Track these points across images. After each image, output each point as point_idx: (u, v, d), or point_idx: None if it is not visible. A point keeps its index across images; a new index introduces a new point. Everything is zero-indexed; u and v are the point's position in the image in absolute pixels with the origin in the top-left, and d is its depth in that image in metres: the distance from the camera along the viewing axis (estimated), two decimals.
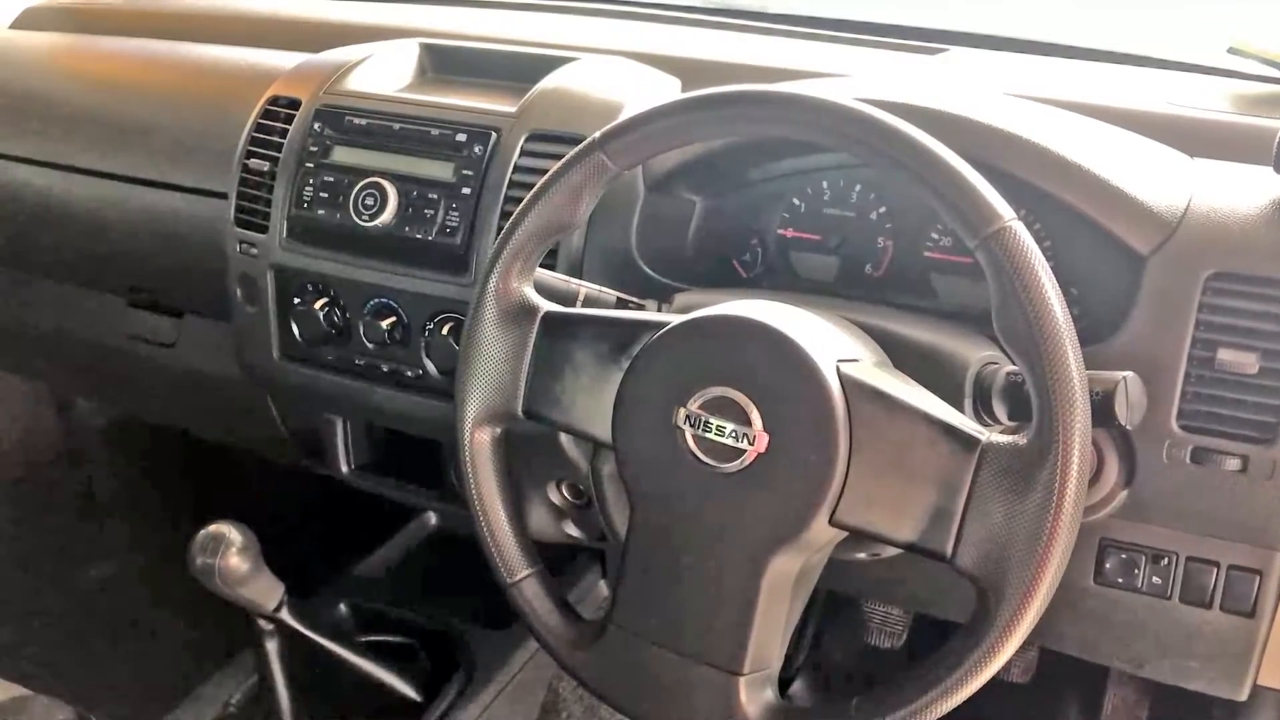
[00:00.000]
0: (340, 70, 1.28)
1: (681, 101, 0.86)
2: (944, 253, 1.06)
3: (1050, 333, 0.71)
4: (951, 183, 0.74)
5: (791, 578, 0.81)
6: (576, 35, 1.40)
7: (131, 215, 1.45)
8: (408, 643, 1.51)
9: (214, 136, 1.34)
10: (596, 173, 0.88)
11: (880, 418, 0.76)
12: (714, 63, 1.29)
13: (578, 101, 1.16)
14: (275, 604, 1.22)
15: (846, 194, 1.10)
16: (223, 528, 1.16)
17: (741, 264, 1.15)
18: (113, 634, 1.87)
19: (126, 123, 1.46)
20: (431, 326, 1.19)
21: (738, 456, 0.78)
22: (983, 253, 0.73)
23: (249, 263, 1.27)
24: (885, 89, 1.00)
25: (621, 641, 0.86)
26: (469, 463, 0.93)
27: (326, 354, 1.26)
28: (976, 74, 1.26)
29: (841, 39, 1.36)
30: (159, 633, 1.83)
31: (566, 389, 0.89)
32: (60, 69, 1.60)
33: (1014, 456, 0.72)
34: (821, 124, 0.80)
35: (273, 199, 1.25)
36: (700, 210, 1.14)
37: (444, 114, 1.19)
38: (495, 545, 0.92)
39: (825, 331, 0.82)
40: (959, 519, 0.73)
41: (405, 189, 1.18)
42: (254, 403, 1.43)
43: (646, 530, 0.84)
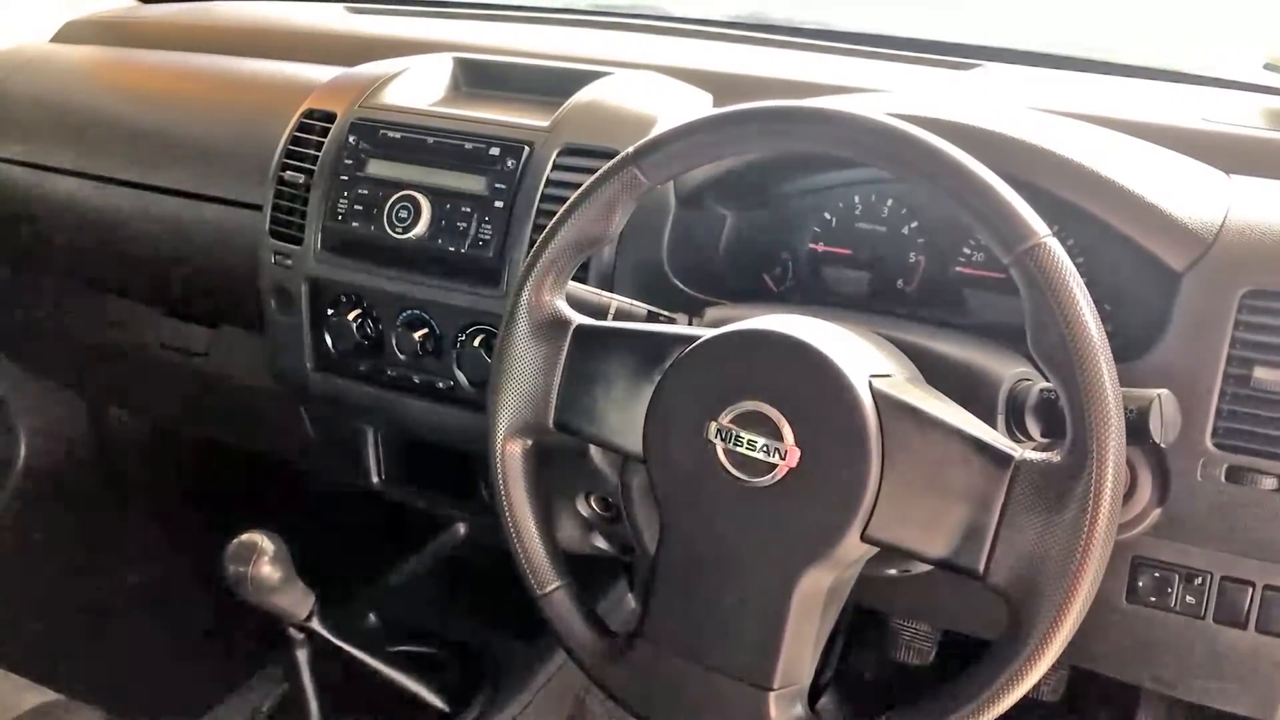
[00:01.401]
0: (375, 84, 1.29)
1: (714, 117, 0.86)
2: (977, 268, 1.06)
3: (1085, 349, 0.70)
4: (985, 198, 0.74)
5: (822, 593, 0.81)
6: (609, 50, 1.41)
7: (167, 226, 1.46)
8: (436, 653, 1.52)
9: (250, 149, 1.35)
10: (629, 187, 0.89)
11: (912, 434, 0.75)
12: (746, 77, 1.29)
13: (610, 116, 1.17)
14: (306, 613, 1.22)
15: (878, 209, 1.10)
16: (255, 537, 1.17)
17: (772, 278, 1.15)
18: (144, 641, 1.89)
19: (163, 135, 1.48)
20: (463, 338, 1.19)
21: (769, 471, 0.78)
22: (1017, 269, 0.73)
23: (283, 274, 1.29)
24: (918, 104, 1.00)
25: (651, 654, 0.86)
26: (500, 474, 0.93)
27: (359, 365, 1.27)
28: (1009, 89, 1.26)
29: (874, 54, 1.36)
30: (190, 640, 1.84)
31: (597, 402, 0.89)
32: (99, 82, 1.62)
33: (1047, 474, 0.72)
34: (854, 139, 0.80)
35: (307, 211, 1.26)
36: (731, 224, 1.14)
37: (477, 128, 1.20)
38: (526, 557, 0.93)
39: (857, 346, 0.82)
40: (991, 536, 0.73)
41: (439, 202, 1.19)
42: (286, 413, 1.44)
43: (677, 543, 0.85)
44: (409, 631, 1.55)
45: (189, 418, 1.79)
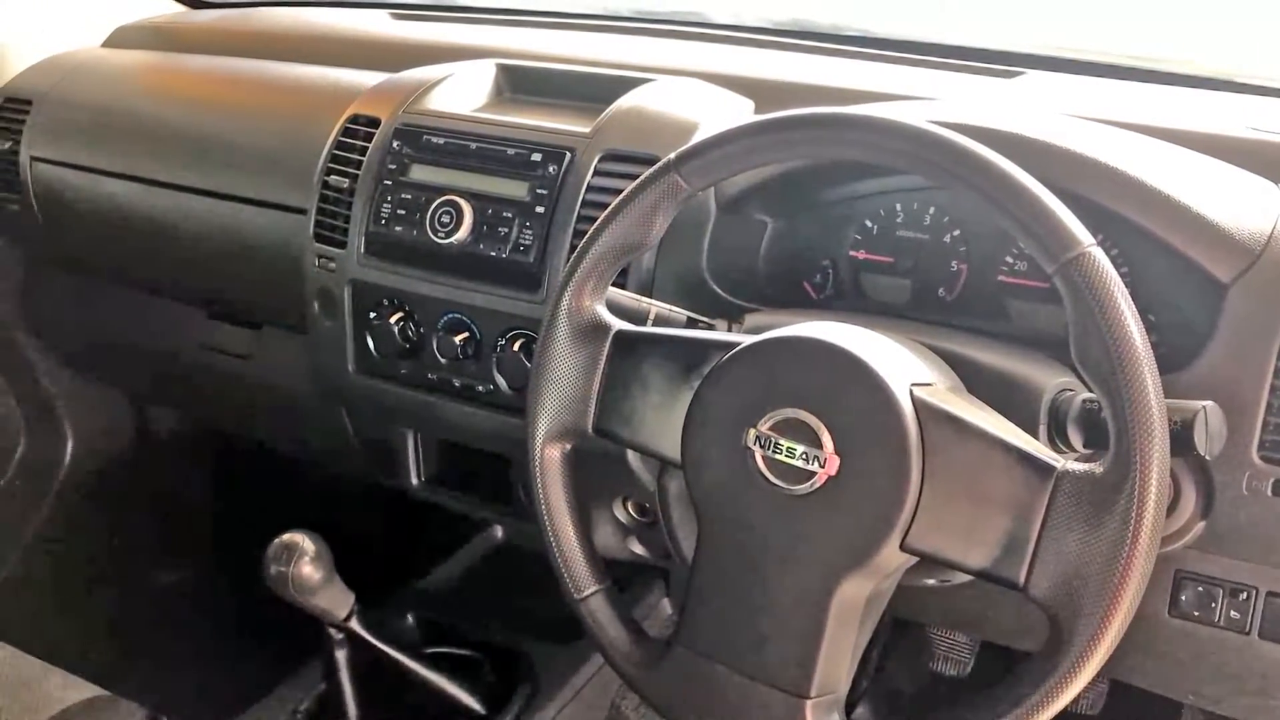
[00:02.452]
0: (419, 90, 1.30)
1: (756, 124, 0.86)
2: (1019, 277, 1.05)
3: (1129, 360, 0.70)
4: (1029, 207, 0.74)
5: (860, 602, 0.80)
6: (651, 56, 1.41)
7: (212, 229, 1.48)
8: (473, 655, 1.52)
9: (295, 153, 1.37)
10: (670, 193, 0.89)
11: (953, 443, 0.75)
12: (788, 84, 1.29)
13: (652, 122, 1.17)
14: (345, 613, 1.24)
15: (920, 216, 1.10)
16: (296, 537, 1.18)
17: (812, 285, 1.15)
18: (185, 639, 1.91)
19: (210, 139, 1.49)
20: (503, 343, 1.20)
21: (808, 479, 0.78)
22: (1060, 278, 0.72)
23: (327, 277, 1.30)
24: (961, 112, 1.00)
25: (688, 661, 0.86)
26: (539, 478, 0.94)
27: (400, 368, 1.28)
28: (1053, 98, 1.25)
29: (916, 61, 1.35)
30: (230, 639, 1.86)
31: (636, 407, 0.90)
32: (148, 86, 1.65)
33: (1090, 485, 0.71)
34: (896, 147, 0.80)
35: (351, 215, 1.27)
36: (772, 231, 1.14)
37: (519, 134, 1.21)
38: (564, 560, 0.93)
39: (898, 355, 0.81)
40: (1032, 547, 0.72)
41: (480, 207, 1.20)
42: (327, 415, 1.45)
43: (714, 550, 0.85)
44: (446, 633, 1.56)
45: (232, 419, 1.81)
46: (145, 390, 1.98)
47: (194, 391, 1.78)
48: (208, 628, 1.94)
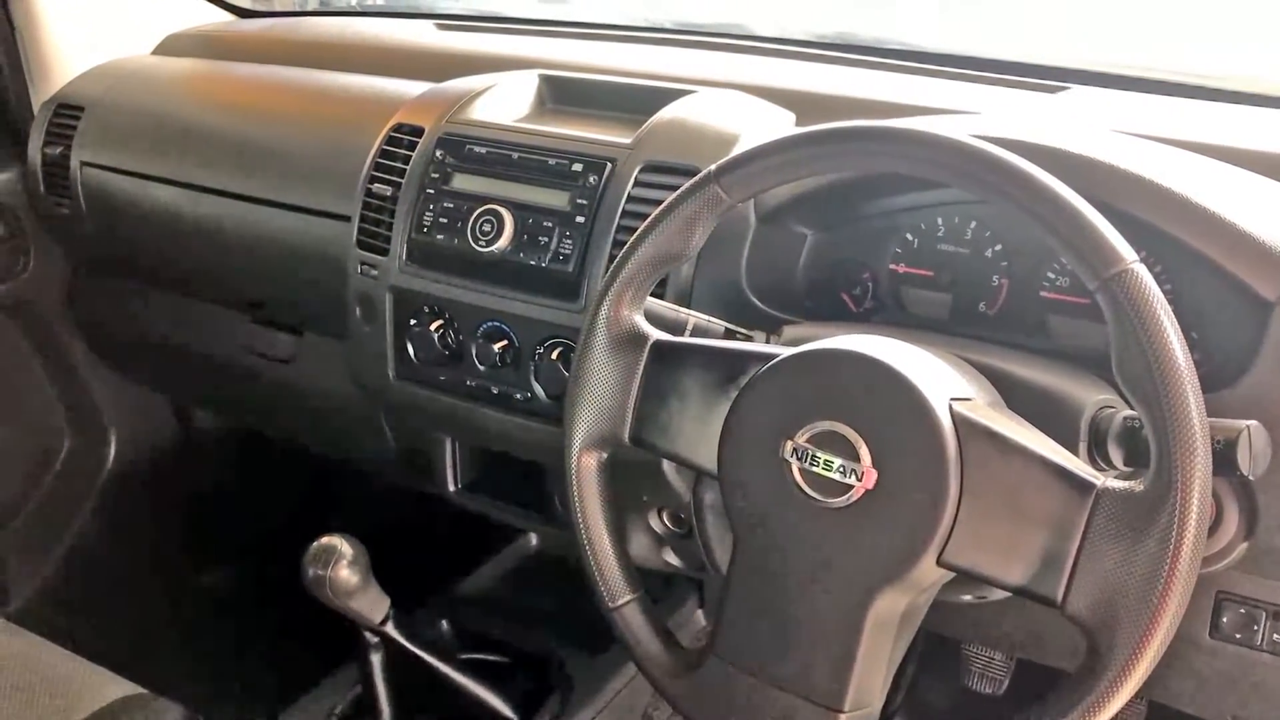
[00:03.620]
0: (462, 99, 1.31)
1: (797, 136, 0.86)
2: (1061, 293, 1.04)
3: (1171, 378, 0.69)
4: (1072, 223, 0.74)
5: (896, 616, 0.80)
6: (693, 68, 1.42)
7: (257, 234, 1.50)
8: (506, 662, 1.53)
9: (339, 161, 1.38)
10: (710, 205, 0.89)
11: (993, 458, 0.75)
12: (830, 97, 1.29)
13: (693, 134, 1.18)
14: (381, 617, 1.24)
15: (961, 230, 1.09)
16: (335, 540, 1.19)
17: (852, 298, 1.15)
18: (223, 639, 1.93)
19: (256, 146, 1.51)
20: (541, 351, 1.21)
21: (845, 492, 0.78)
22: (1103, 295, 0.72)
23: (369, 284, 1.31)
24: (1004, 126, 0.99)
25: (721, 672, 0.86)
26: (575, 486, 0.94)
27: (439, 375, 1.28)
28: (1098, 113, 1.24)
29: (960, 75, 1.35)
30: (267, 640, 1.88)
31: (673, 417, 0.90)
32: (197, 94, 1.67)
33: (1130, 503, 0.71)
34: (938, 161, 0.80)
35: (394, 223, 1.29)
36: (811, 243, 1.14)
37: (561, 144, 1.22)
38: (598, 569, 0.93)
39: (938, 369, 0.81)
40: (1071, 564, 0.72)
41: (521, 216, 1.20)
42: (367, 420, 1.46)
43: (749, 562, 0.85)
44: (480, 639, 1.56)
45: (273, 422, 1.83)
46: (188, 393, 2.01)
47: (236, 395, 1.80)
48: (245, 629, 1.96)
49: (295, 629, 1.63)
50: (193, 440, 2.11)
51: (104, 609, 1.95)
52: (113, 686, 1.19)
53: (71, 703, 1.16)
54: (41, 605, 1.90)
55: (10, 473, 1.91)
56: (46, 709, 1.15)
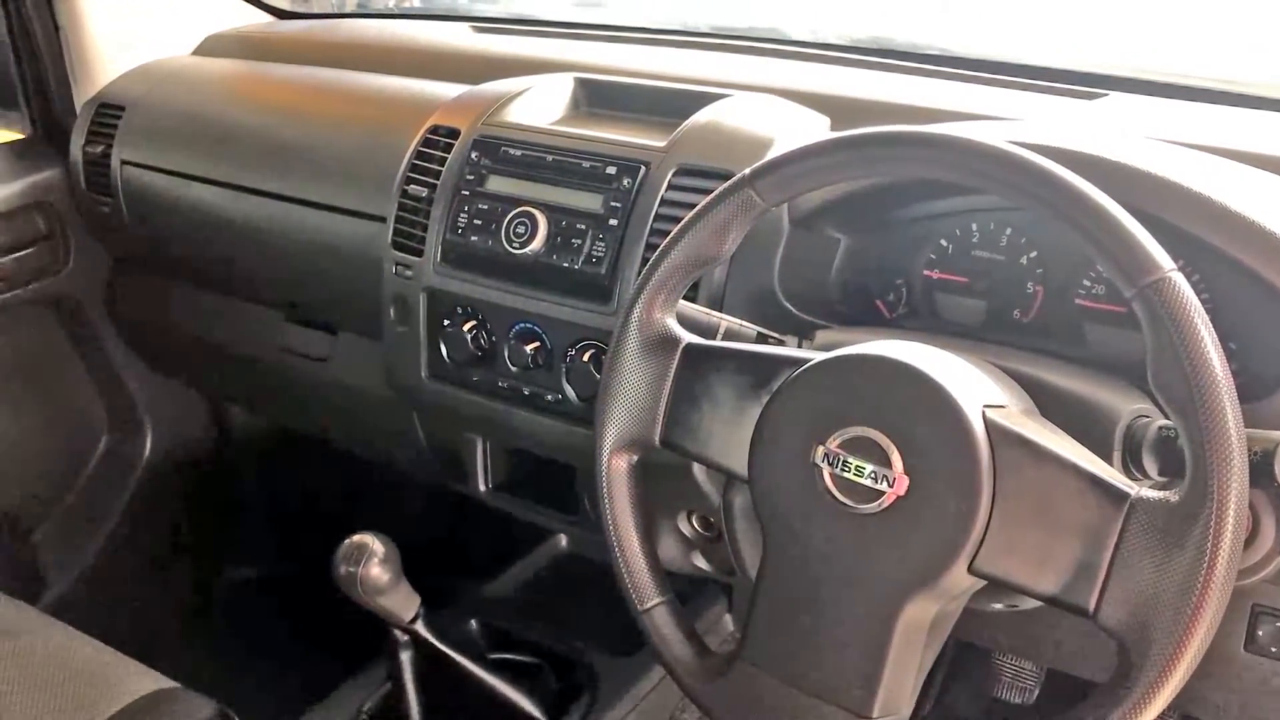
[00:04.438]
0: (498, 102, 1.32)
1: (832, 140, 0.86)
2: (1097, 301, 1.03)
3: (1208, 388, 0.69)
4: (1108, 230, 0.73)
5: (926, 624, 0.80)
6: (728, 72, 1.42)
7: (293, 234, 1.51)
8: (535, 663, 1.53)
9: (376, 162, 1.39)
10: (744, 208, 0.89)
11: (1026, 466, 0.74)
12: (865, 102, 1.28)
13: (727, 137, 1.18)
14: (411, 616, 1.25)
15: (996, 237, 1.09)
16: (366, 538, 1.20)
17: (885, 304, 1.14)
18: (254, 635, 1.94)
19: (294, 146, 1.53)
20: (573, 353, 1.21)
21: (876, 498, 0.78)
22: (1139, 303, 0.71)
23: (403, 284, 1.32)
24: (1041, 133, 0.99)
25: (750, 676, 0.86)
26: (605, 488, 0.94)
27: (472, 375, 1.29)
28: (1136, 120, 1.23)
29: (996, 81, 1.34)
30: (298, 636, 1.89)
31: (704, 420, 0.90)
32: (235, 94, 1.69)
33: (1165, 513, 0.70)
34: (974, 167, 0.79)
35: (429, 224, 1.29)
36: (845, 248, 1.14)
37: (595, 147, 1.22)
38: (628, 571, 0.93)
39: (971, 376, 0.81)
40: (1104, 574, 0.71)
41: (555, 218, 1.21)
42: (399, 419, 1.47)
43: (779, 566, 0.84)
44: (509, 640, 1.57)
45: (307, 420, 1.84)
46: (223, 390, 2.03)
47: (271, 393, 1.82)
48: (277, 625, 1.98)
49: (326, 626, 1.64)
50: (227, 437, 2.13)
51: (138, 602, 1.98)
52: (145, 679, 1.20)
53: (104, 694, 1.17)
54: (76, 598, 1.92)
55: (49, 466, 1.94)
56: (80, 700, 1.17)
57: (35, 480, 1.92)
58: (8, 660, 1.21)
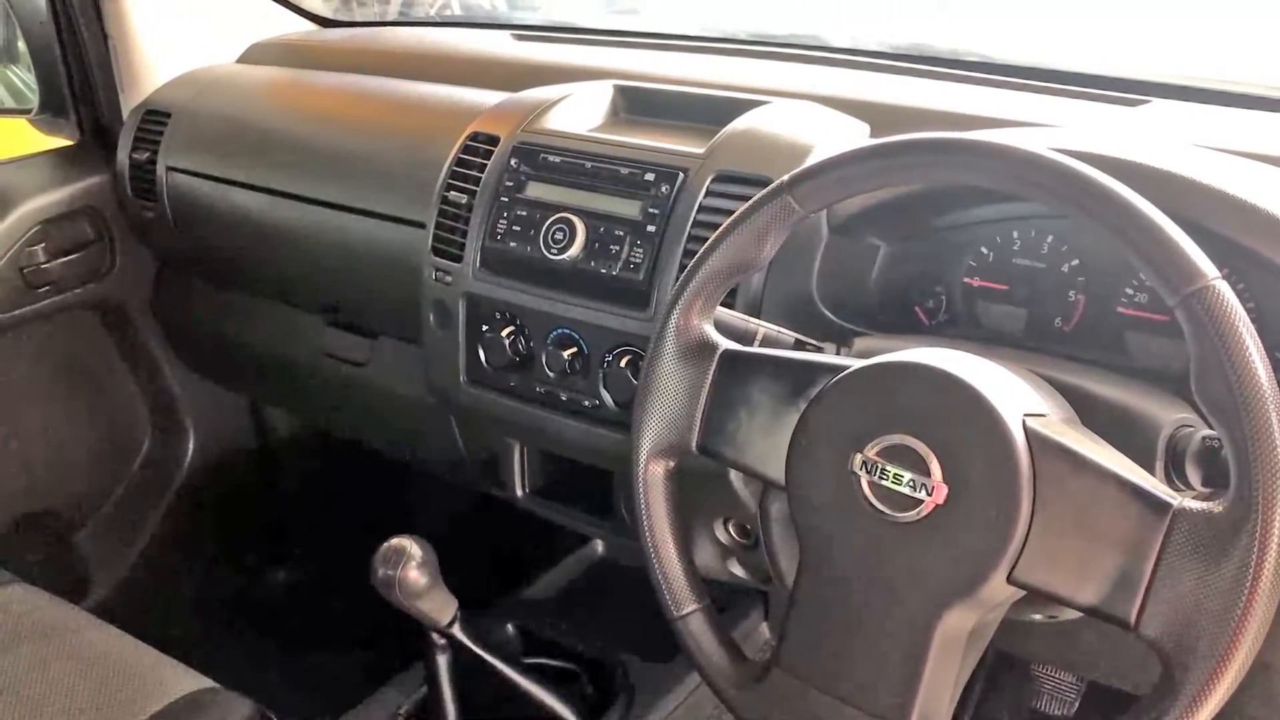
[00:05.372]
0: (538, 109, 1.33)
1: (872, 147, 0.86)
2: (1139, 309, 1.02)
3: (1253, 398, 0.68)
4: (1151, 238, 0.72)
5: (964, 634, 0.79)
6: (767, 79, 1.42)
7: (334, 240, 1.52)
8: (570, 668, 1.53)
9: (416, 169, 1.40)
10: (783, 215, 0.89)
11: (1066, 476, 0.74)
12: (905, 108, 1.28)
13: (766, 144, 1.18)
14: (448, 619, 1.25)
15: (1037, 245, 1.08)
16: (405, 541, 1.20)
17: (925, 311, 1.14)
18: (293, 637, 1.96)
19: (336, 153, 1.54)
20: (610, 359, 1.21)
21: (914, 507, 0.77)
22: (1182, 311, 0.71)
23: (443, 290, 1.33)
24: (1082, 140, 0.98)
25: (786, 684, 0.86)
26: (642, 494, 0.94)
27: (510, 380, 1.30)
28: (1180, 127, 1.22)
29: (1038, 88, 1.33)
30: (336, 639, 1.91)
31: (741, 427, 0.90)
32: (278, 101, 1.70)
33: (1208, 524, 0.69)
34: (1014, 173, 0.79)
35: (468, 230, 1.30)
36: (884, 255, 1.13)
37: (634, 153, 1.22)
38: (664, 577, 0.93)
39: (1012, 384, 0.80)
40: (1145, 585, 0.71)
41: (593, 225, 1.21)
42: (437, 424, 1.48)
43: (816, 574, 0.84)
44: (545, 644, 1.57)
45: (346, 424, 1.86)
46: (265, 393, 2.05)
47: (311, 396, 1.83)
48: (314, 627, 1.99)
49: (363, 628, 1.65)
50: (267, 440, 2.15)
51: (178, 603, 2.00)
52: (185, 679, 1.22)
53: (145, 693, 1.19)
54: (119, 598, 1.94)
55: (93, 467, 1.96)
56: (121, 698, 1.18)
57: (80, 481, 1.95)
58: (51, 658, 1.23)
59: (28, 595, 1.35)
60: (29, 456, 1.86)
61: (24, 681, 1.20)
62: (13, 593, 1.35)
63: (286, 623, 2.02)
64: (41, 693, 1.18)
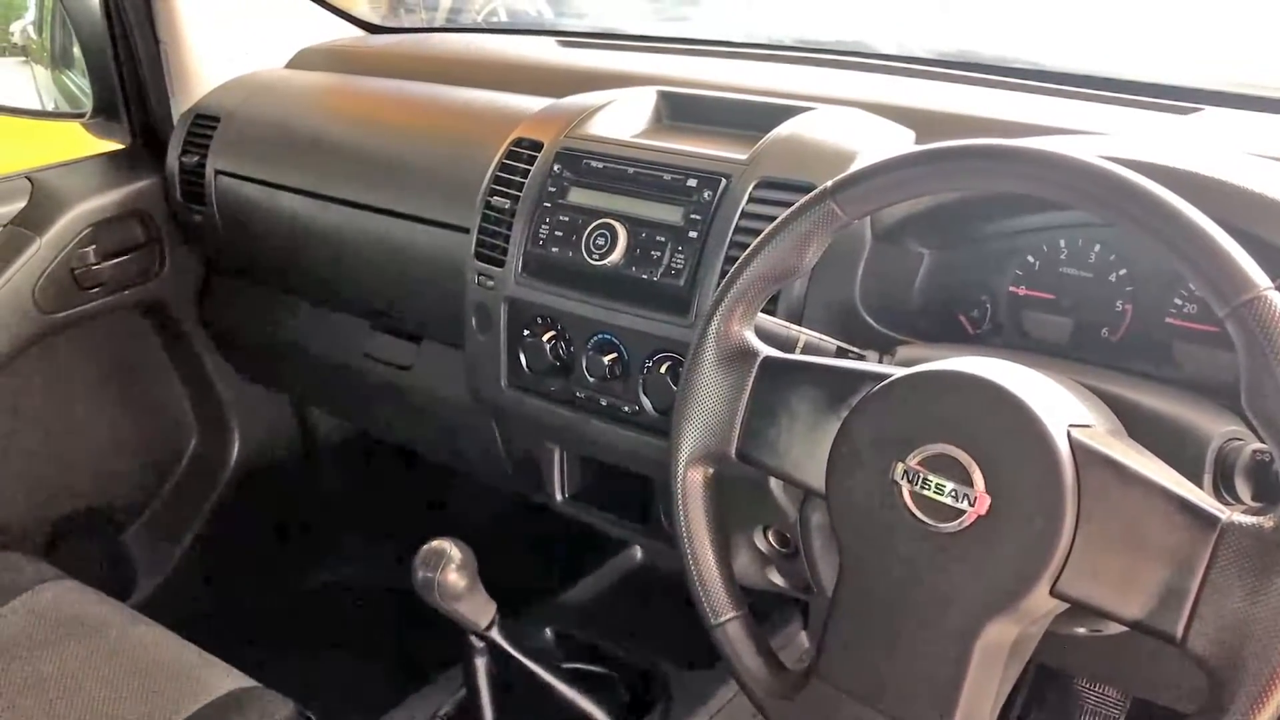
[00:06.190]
0: (581, 115, 1.33)
1: (916, 153, 0.85)
2: (1188, 320, 1.01)
3: None
4: (1201, 247, 0.71)
5: (1006, 647, 0.78)
6: (812, 85, 1.41)
7: (379, 244, 1.54)
8: (608, 674, 1.53)
9: (461, 174, 1.41)
10: (826, 221, 0.88)
11: (1112, 487, 0.72)
12: (951, 115, 1.26)
13: (809, 150, 1.17)
14: (487, 622, 1.26)
15: (1085, 253, 1.07)
16: (444, 544, 1.21)
17: (969, 320, 1.13)
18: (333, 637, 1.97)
19: (381, 158, 1.55)
20: (650, 364, 1.21)
21: (957, 517, 0.77)
22: (1233, 322, 0.69)
23: (485, 294, 1.33)
24: (1132, 147, 0.97)
25: (824, 694, 0.85)
26: (680, 501, 0.94)
27: (550, 385, 1.30)
28: (1232, 135, 1.20)
29: (1087, 95, 1.31)
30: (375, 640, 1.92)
31: (781, 435, 0.89)
32: (326, 106, 1.72)
33: (1257, 539, 0.68)
34: (1061, 181, 0.78)
35: (511, 235, 1.31)
36: (928, 262, 1.12)
37: (676, 159, 1.22)
38: (702, 584, 0.93)
39: (1057, 394, 0.79)
40: (1192, 600, 0.69)
41: (635, 230, 1.21)
42: (479, 427, 1.48)
43: (855, 584, 0.83)
44: (583, 649, 1.57)
45: (389, 426, 1.87)
46: (309, 395, 2.07)
47: (355, 399, 1.85)
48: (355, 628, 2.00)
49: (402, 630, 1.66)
50: (311, 441, 2.17)
51: (222, 602, 2.02)
52: (227, 678, 1.23)
53: (188, 691, 1.20)
54: (164, 596, 1.97)
55: (140, 467, 1.99)
56: (164, 696, 1.20)
57: (127, 480, 1.98)
58: (97, 655, 1.25)
59: (76, 592, 1.37)
60: (78, 455, 1.89)
61: (70, 677, 1.22)
62: (61, 590, 1.37)
63: (327, 623, 2.03)
64: (87, 688, 1.20)
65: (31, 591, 1.34)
